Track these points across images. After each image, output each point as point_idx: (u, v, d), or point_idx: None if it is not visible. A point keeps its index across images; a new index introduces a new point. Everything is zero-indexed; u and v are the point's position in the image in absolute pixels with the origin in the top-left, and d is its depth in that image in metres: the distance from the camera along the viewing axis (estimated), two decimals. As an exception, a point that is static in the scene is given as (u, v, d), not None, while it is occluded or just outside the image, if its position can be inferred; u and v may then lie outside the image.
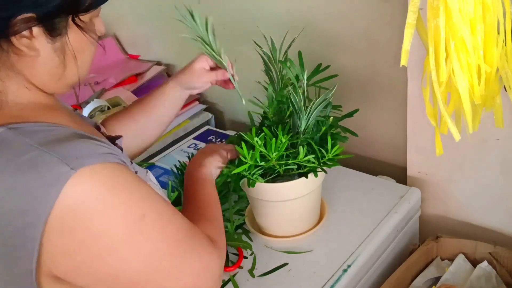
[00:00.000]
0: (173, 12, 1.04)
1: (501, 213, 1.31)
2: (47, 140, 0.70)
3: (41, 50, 0.74)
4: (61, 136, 0.72)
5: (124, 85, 1.93)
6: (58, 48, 0.75)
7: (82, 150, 0.70)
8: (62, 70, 0.77)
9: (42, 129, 0.73)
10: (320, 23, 1.47)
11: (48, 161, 0.68)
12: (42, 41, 0.73)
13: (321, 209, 1.28)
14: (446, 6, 0.86)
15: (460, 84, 0.91)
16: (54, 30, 0.73)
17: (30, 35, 0.72)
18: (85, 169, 0.68)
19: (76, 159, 0.68)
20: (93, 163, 0.69)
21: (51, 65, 0.76)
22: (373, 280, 1.23)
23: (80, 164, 0.68)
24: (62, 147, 0.70)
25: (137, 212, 0.72)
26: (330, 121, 1.15)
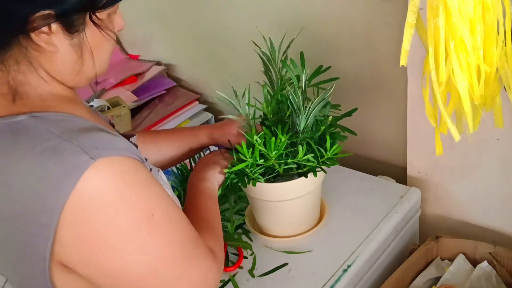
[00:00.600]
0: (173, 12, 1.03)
1: (501, 213, 1.31)
2: (69, 129, 0.72)
3: (59, 46, 0.75)
4: (82, 127, 0.74)
5: (124, 85, 1.93)
6: (76, 44, 0.77)
7: (102, 142, 0.72)
8: (80, 65, 0.79)
9: (64, 119, 0.75)
10: (320, 23, 1.47)
11: (69, 149, 0.69)
12: (60, 37, 0.75)
13: (321, 209, 1.28)
14: (446, 6, 0.85)
15: (460, 84, 0.91)
16: (71, 26, 0.75)
17: (49, 31, 0.73)
18: (104, 160, 0.70)
19: (96, 149, 0.70)
20: (112, 155, 0.71)
21: (70, 61, 0.78)
22: (373, 280, 1.23)
23: (100, 155, 0.69)
24: (83, 136, 0.71)
25: (147, 210, 0.73)
26: (329, 120, 1.15)
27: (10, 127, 0.73)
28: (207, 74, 1.91)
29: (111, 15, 0.81)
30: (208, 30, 1.77)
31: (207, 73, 1.91)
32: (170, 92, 1.93)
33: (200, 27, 1.79)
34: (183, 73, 1.99)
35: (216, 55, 1.80)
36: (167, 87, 1.93)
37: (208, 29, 1.77)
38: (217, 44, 1.77)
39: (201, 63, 1.90)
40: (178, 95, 1.92)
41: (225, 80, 1.28)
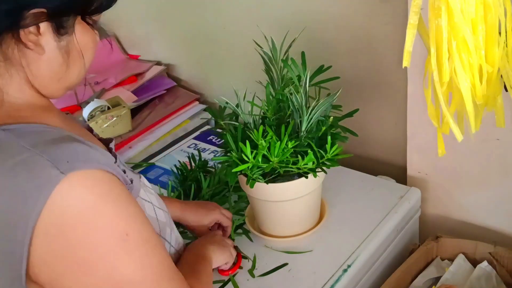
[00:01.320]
0: (173, 12, 1.04)
1: (501, 213, 1.31)
2: (40, 142, 0.70)
3: (46, 48, 0.74)
4: (54, 138, 0.71)
5: (124, 85, 1.93)
6: (63, 47, 0.75)
7: (74, 154, 0.69)
8: (64, 69, 0.77)
9: (36, 130, 0.73)
10: (320, 23, 1.47)
11: (39, 163, 0.67)
12: (48, 39, 0.73)
13: (321, 209, 1.28)
14: (448, 6, 0.86)
15: (462, 84, 0.91)
16: (61, 28, 0.74)
17: (37, 32, 0.72)
18: (76, 174, 0.67)
19: (67, 163, 0.67)
20: (85, 169, 0.68)
21: (54, 64, 0.76)
22: (373, 280, 1.23)
23: (71, 168, 0.67)
24: (54, 149, 0.69)
25: (121, 229, 0.70)
26: (330, 121, 1.15)
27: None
28: (207, 74, 1.91)
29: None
30: (208, 30, 1.77)
31: (207, 73, 1.91)
32: (170, 92, 1.93)
33: (200, 27, 1.79)
34: (183, 73, 1.99)
35: (216, 55, 1.80)
36: (167, 87, 1.93)
37: (208, 29, 1.77)
38: (217, 44, 1.77)
39: (201, 63, 1.90)
40: (178, 95, 1.92)
41: (225, 80, 1.28)
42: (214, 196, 1.36)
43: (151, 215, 0.87)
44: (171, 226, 0.96)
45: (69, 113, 0.97)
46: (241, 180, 1.18)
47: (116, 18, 2.05)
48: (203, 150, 1.65)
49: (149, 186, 0.93)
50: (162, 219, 0.90)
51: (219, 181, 1.38)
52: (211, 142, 1.70)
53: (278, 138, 1.08)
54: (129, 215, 0.72)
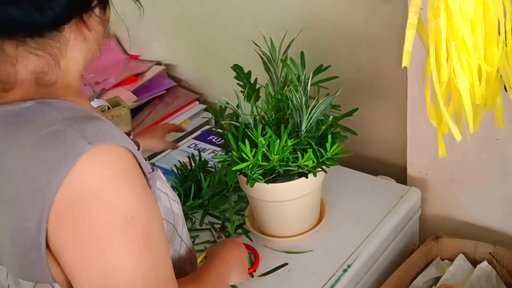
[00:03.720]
0: (173, 12, 1.04)
1: (501, 213, 1.31)
2: (73, 116, 0.73)
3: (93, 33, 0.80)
4: (86, 115, 0.74)
5: (124, 85, 1.93)
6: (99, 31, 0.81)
7: (103, 130, 0.72)
8: (98, 54, 0.84)
9: (70, 107, 0.75)
10: (320, 23, 1.47)
11: (70, 133, 0.69)
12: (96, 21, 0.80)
13: (321, 209, 1.28)
14: (447, 6, 0.85)
15: (461, 84, 0.91)
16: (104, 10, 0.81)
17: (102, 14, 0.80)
18: (102, 147, 0.69)
19: (95, 136, 0.70)
20: (112, 143, 0.71)
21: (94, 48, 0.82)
22: (373, 280, 1.23)
23: (99, 141, 0.69)
24: (85, 123, 0.71)
25: (129, 210, 0.70)
26: (330, 120, 1.15)
27: (17, 112, 0.74)
28: (207, 74, 1.91)
29: None
30: (208, 30, 1.77)
31: (207, 73, 1.91)
32: (170, 92, 1.93)
33: (200, 27, 1.79)
34: (183, 73, 1.99)
35: (216, 55, 1.80)
36: (167, 87, 1.93)
37: (208, 29, 1.77)
38: (217, 44, 1.77)
39: (201, 63, 1.90)
40: (178, 95, 1.92)
41: (225, 80, 1.28)
42: (214, 196, 1.36)
43: (166, 206, 0.87)
44: (183, 221, 0.96)
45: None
46: (241, 180, 1.18)
47: (116, 18, 2.05)
48: (203, 150, 1.65)
49: (164, 179, 0.94)
50: (176, 211, 0.91)
51: (219, 181, 1.38)
52: (211, 142, 1.70)
53: (278, 137, 1.08)
54: (141, 201, 0.72)
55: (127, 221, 0.70)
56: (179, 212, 0.92)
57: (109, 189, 0.69)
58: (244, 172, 1.13)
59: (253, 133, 1.08)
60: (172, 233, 0.90)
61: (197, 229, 1.31)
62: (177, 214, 0.91)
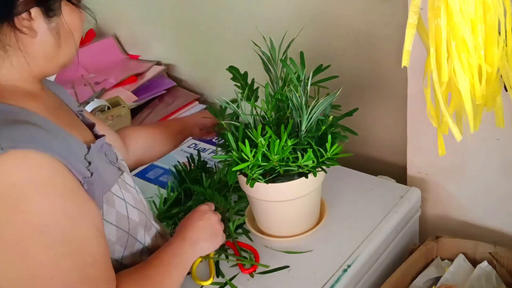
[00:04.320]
0: (173, 12, 1.04)
1: (501, 213, 1.31)
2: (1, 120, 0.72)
3: (39, 31, 0.79)
4: (15, 119, 0.73)
5: (124, 85, 1.93)
6: (53, 28, 0.81)
7: (23, 135, 0.70)
8: (56, 49, 0.83)
9: (3, 110, 0.76)
10: (320, 23, 1.47)
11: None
12: (40, 22, 0.79)
13: (321, 209, 1.28)
14: (447, 6, 0.85)
15: (462, 84, 0.91)
16: (50, 10, 0.79)
17: (29, 17, 0.77)
18: (16, 152, 0.68)
19: (11, 141, 0.68)
20: (27, 149, 0.69)
21: (47, 45, 0.81)
22: (373, 280, 1.23)
23: (12, 146, 0.68)
24: (5, 127, 0.71)
25: (41, 219, 0.69)
26: (330, 120, 1.15)
27: None
28: (207, 74, 1.91)
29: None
30: (208, 30, 1.77)
31: (207, 73, 1.91)
32: (170, 92, 1.93)
33: (200, 27, 1.79)
34: (183, 73, 1.99)
35: (216, 55, 1.80)
36: (167, 87, 1.93)
37: (208, 29, 1.77)
38: (217, 44, 1.77)
39: (201, 63, 1.90)
40: (178, 95, 1.92)
41: (225, 80, 1.28)
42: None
43: (121, 212, 0.87)
44: (149, 227, 0.95)
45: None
46: (241, 180, 1.18)
47: (116, 18, 2.05)
48: (203, 150, 1.65)
49: (131, 185, 0.93)
50: (134, 218, 0.90)
51: (219, 181, 1.38)
52: (211, 142, 1.70)
53: (278, 137, 1.08)
54: (57, 208, 0.71)
55: (40, 228, 0.69)
56: (138, 219, 0.91)
57: (18, 196, 0.68)
58: (244, 172, 1.13)
59: (253, 133, 1.08)
60: (127, 239, 0.89)
61: (197, 229, 1.31)
62: (135, 221, 0.90)
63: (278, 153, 1.07)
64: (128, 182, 0.93)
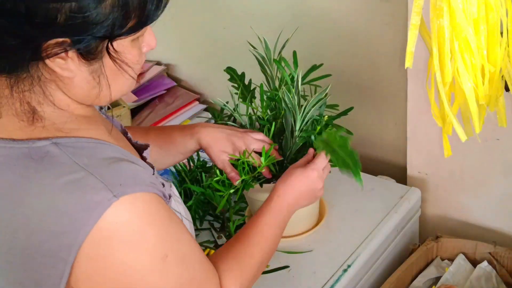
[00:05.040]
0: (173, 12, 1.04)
1: (501, 213, 1.31)
2: (93, 161, 0.70)
3: (76, 72, 0.70)
4: (106, 157, 0.72)
5: (124, 85, 1.93)
6: (94, 70, 0.71)
7: (126, 176, 0.70)
8: (97, 91, 0.74)
9: (87, 147, 0.73)
10: (320, 23, 1.47)
11: (92, 184, 0.67)
12: (77, 63, 0.70)
13: (321, 209, 1.28)
14: (450, 6, 0.85)
15: (465, 85, 0.90)
16: (89, 54, 0.69)
17: (65, 56, 0.68)
18: (127, 198, 0.68)
19: (120, 186, 0.68)
20: (135, 192, 0.70)
21: (87, 87, 0.73)
22: (373, 280, 1.23)
23: (123, 192, 0.68)
24: (107, 170, 0.69)
25: (162, 251, 0.72)
26: (325, 119, 1.15)
27: (31, 153, 0.70)
28: (207, 74, 1.91)
29: (140, 37, 0.77)
30: (208, 30, 1.77)
31: (207, 73, 1.91)
32: (170, 92, 1.93)
33: (200, 27, 1.79)
34: (183, 73, 1.99)
35: (216, 55, 1.80)
36: (167, 87, 1.93)
37: (208, 29, 1.77)
38: (217, 44, 1.77)
39: (201, 63, 1.90)
40: (178, 95, 1.92)
41: (225, 80, 1.28)
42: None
43: None
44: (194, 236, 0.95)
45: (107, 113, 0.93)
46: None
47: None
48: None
49: (177, 194, 0.92)
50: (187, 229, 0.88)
51: (219, 181, 1.38)
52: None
53: (273, 138, 1.08)
54: (170, 237, 0.74)
55: (162, 259, 0.72)
56: (190, 230, 0.92)
57: (138, 237, 0.70)
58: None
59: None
60: None
61: (197, 228, 1.31)
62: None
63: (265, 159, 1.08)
64: (176, 193, 0.91)
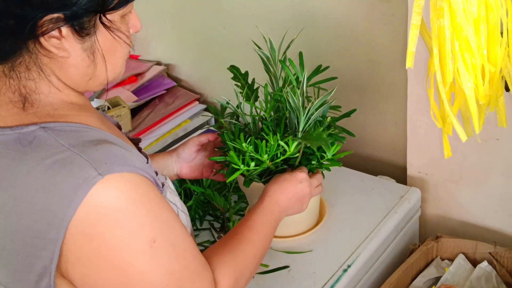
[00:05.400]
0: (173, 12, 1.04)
1: (501, 213, 1.31)
2: (79, 142, 0.71)
3: (71, 51, 0.72)
4: (93, 139, 0.72)
5: (124, 85, 1.93)
6: (88, 48, 0.74)
7: (112, 156, 0.70)
8: (92, 69, 0.76)
9: (75, 130, 0.73)
10: (320, 23, 1.47)
11: (78, 163, 0.68)
12: (72, 41, 0.72)
13: (321, 209, 1.28)
14: (450, 6, 0.85)
15: (466, 85, 0.90)
16: (82, 29, 0.72)
17: (59, 35, 0.71)
18: (113, 176, 0.68)
19: (105, 164, 0.68)
20: (122, 171, 0.69)
21: (82, 65, 0.75)
22: (373, 280, 1.23)
23: (109, 170, 0.68)
24: (93, 150, 0.69)
25: (149, 235, 0.71)
26: (328, 121, 1.15)
27: (20, 138, 0.71)
28: (207, 74, 1.91)
29: (126, 16, 0.78)
30: (208, 30, 1.77)
31: (207, 73, 1.91)
32: (170, 92, 1.93)
33: (200, 27, 1.79)
34: (183, 73, 1.99)
35: (216, 55, 1.80)
36: (167, 87, 1.93)
37: (208, 29, 1.77)
38: (217, 44, 1.77)
39: (201, 63, 1.90)
40: (178, 95, 1.92)
41: (225, 80, 1.28)
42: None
43: None
44: (191, 230, 0.96)
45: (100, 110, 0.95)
46: (240, 180, 1.18)
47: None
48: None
49: (173, 188, 0.93)
50: (184, 222, 0.90)
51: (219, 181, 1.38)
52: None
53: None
54: (159, 221, 0.73)
55: (150, 244, 0.71)
56: (187, 223, 0.92)
57: (125, 219, 0.69)
58: (243, 173, 1.13)
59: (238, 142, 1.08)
60: None
61: (197, 228, 1.31)
62: (185, 225, 0.90)
63: (267, 152, 1.07)
64: (171, 186, 0.92)
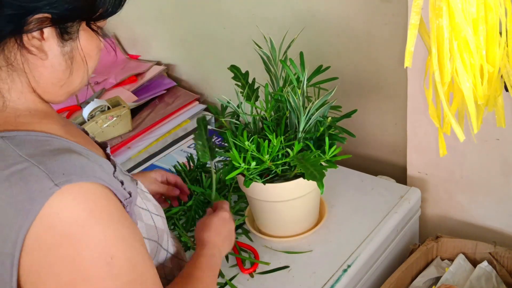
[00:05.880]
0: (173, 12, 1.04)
1: (501, 213, 1.31)
2: (38, 152, 0.69)
3: (50, 53, 0.72)
4: (53, 148, 0.70)
5: (124, 85, 1.93)
6: (67, 52, 0.74)
7: (71, 166, 0.68)
8: (67, 75, 0.76)
9: (35, 139, 0.71)
10: (320, 23, 1.47)
11: (35, 174, 0.66)
12: (52, 44, 0.72)
13: (321, 209, 1.28)
14: (449, 6, 0.85)
15: (464, 85, 0.90)
16: (66, 33, 0.72)
17: (41, 37, 0.71)
18: (71, 187, 0.66)
19: (62, 175, 0.66)
20: (80, 181, 0.67)
21: (58, 69, 0.74)
22: (373, 280, 1.23)
23: (67, 181, 0.66)
24: (51, 160, 0.67)
25: (106, 251, 0.68)
26: (328, 121, 1.15)
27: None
28: (207, 74, 1.91)
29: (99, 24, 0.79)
30: (208, 30, 1.77)
31: (207, 73, 1.91)
32: (170, 92, 1.93)
33: (200, 27, 1.79)
34: (183, 73, 1.99)
35: (216, 55, 1.80)
36: (167, 87, 1.93)
37: (208, 29, 1.77)
38: (217, 44, 1.77)
39: (201, 63, 1.90)
40: (178, 95, 1.92)
41: (225, 80, 1.28)
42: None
43: (149, 223, 0.85)
44: (168, 232, 0.94)
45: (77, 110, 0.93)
46: (240, 180, 1.18)
47: (116, 18, 2.05)
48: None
49: (146, 190, 0.91)
50: (160, 226, 0.88)
51: (219, 181, 1.38)
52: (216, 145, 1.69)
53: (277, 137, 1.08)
54: (118, 237, 0.70)
55: (106, 260, 0.68)
56: (163, 226, 0.90)
57: (82, 232, 0.66)
58: (243, 172, 1.13)
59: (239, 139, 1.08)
60: (156, 249, 0.88)
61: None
62: (161, 229, 0.89)
63: (269, 153, 1.07)
64: (144, 189, 0.90)
